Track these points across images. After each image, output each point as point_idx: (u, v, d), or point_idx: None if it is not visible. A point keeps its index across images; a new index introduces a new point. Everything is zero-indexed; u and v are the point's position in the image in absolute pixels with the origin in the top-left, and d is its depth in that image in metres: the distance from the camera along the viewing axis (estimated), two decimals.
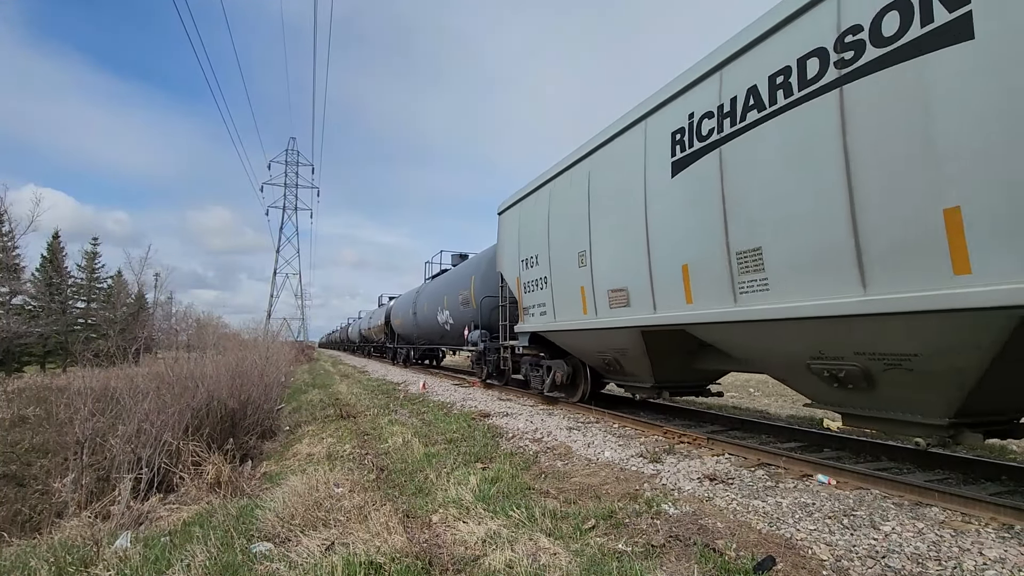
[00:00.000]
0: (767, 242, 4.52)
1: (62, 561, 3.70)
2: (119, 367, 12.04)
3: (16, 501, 7.75)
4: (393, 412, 9.72)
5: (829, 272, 4.01)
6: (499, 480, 4.69)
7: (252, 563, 3.28)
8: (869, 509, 3.70)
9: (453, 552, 3.32)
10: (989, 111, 3.06)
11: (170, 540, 4.08)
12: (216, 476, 6.52)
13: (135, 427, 7.40)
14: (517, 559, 3.03)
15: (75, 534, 4.45)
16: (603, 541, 3.33)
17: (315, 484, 4.57)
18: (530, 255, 9.06)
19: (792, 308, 4.29)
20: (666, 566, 3.00)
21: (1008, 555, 2.90)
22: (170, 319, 37.37)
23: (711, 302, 5.18)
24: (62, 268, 32.86)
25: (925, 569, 2.80)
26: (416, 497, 4.52)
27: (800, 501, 3.92)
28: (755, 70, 4.59)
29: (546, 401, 9.80)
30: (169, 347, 27.03)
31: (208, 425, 8.65)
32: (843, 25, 3.83)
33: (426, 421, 8.48)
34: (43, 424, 10.85)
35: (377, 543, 3.27)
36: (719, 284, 5.05)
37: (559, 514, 3.82)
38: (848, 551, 3.05)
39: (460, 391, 12.32)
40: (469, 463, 5.49)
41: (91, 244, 36.80)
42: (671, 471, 4.88)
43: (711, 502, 4.04)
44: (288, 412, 12.91)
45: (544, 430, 7.06)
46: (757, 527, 3.50)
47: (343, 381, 18.14)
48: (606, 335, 7.09)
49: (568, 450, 5.94)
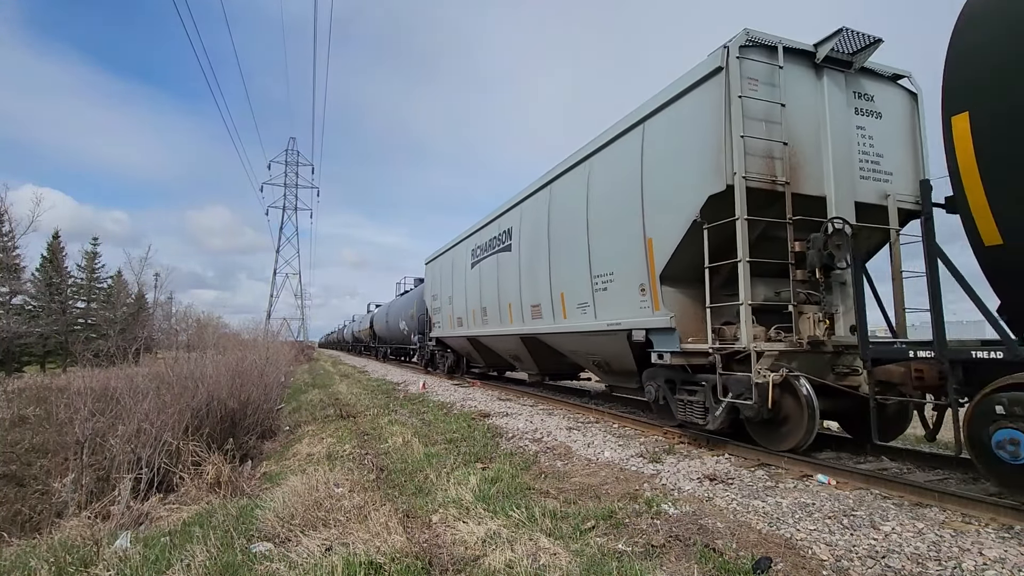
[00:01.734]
0: (554, 295, 8.87)
1: (62, 561, 3.70)
2: (119, 367, 12.04)
3: (16, 501, 7.74)
4: (393, 412, 9.72)
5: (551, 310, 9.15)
6: (499, 480, 4.69)
7: (252, 563, 3.28)
8: (869, 509, 3.70)
9: (453, 552, 3.32)
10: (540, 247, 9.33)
11: (170, 540, 4.08)
12: (216, 476, 6.52)
13: (135, 427, 7.40)
14: (517, 559, 3.02)
15: (75, 534, 4.44)
16: (603, 541, 3.33)
17: (315, 484, 4.57)
18: (434, 292, 16.41)
19: (564, 326, 8.51)
20: (666, 566, 3.00)
21: (1008, 555, 2.90)
22: (170, 319, 37.31)
23: (503, 325, 11.03)
24: (62, 268, 32.83)
25: (925, 569, 2.80)
26: (416, 497, 4.52)
27: (800, 501, 3.92)
28: (524, 211, 10.09)
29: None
30: (169, 347, 27.03)
31: (208, 425, 8.64)
32: (501, 228, 10.99)
33: (426, 421, 8.48)
34: (43, 424, 10.84)
35: (377, 543, 3.27)
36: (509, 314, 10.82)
37: (559, 514, 3.82)
38: (848, 551, 3.05)
39: (460, 391, 12.32)
40: (469, 463, 5.49)
41: (91, 244, 36.82)
42: (671, 471, 4.88)
43: (711, 502, 4.04)
44: (288, 412, 12.91)
45: (544, 430, 7.06)
46: (757, 527, 3.50)
47: (343, 381, 18.14)
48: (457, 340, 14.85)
49: (568, 450, 5.94)
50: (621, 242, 6.74)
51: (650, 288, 6.18)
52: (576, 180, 7.91)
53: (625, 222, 6.62)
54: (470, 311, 12.77)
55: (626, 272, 6.69)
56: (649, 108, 6.26)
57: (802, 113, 5.49)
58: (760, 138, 5.20)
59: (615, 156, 6.98)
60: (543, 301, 8.96)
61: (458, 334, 13.95)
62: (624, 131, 6.76)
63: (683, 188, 5.70)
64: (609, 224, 7.05)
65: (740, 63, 5.17)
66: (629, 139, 6.66)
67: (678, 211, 5.72)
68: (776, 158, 5.28)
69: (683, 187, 5.70)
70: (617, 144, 6.93)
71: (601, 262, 7.24)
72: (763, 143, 5.23)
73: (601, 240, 7.23)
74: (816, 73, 5.63)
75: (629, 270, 6.61)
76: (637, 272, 6.43)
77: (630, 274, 6.59)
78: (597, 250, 7.32)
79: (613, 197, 6.95)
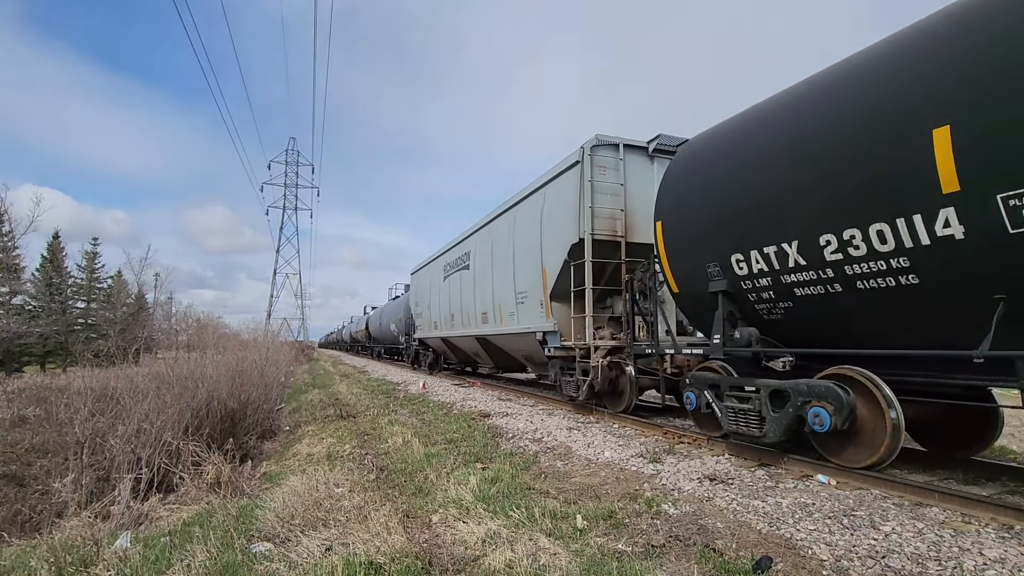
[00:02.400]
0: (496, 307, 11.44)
1: (62, 561, 3.70)
2: (119, 367, 12.04)
3: (16, 501, 7.74)
4: (393, 412, 9.72)
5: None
6: (499, 480, 4.68)
7: (252, 563, 3.28)
8: (869, 509, 3.70)
9: (453, 552, 3.31)
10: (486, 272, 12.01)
11: (170, 540, 4.08)
12: (216, 476, 6.52)
13: (135, 427, 7.40)
14: (517, 559, 3.02)
15: (75, 534, 4.44)
16: (603, 541, 3.33)
17: (315, 484, 4.57)
18: (417, 299, 19.23)
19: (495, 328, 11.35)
20: (666, 566, 3.00)
21: (1008, 555, 2.90)
22: (170, 319, 37.29)
23: (464, 328, 13.54)
24: (62, 268, 32.80)
25: (925, 569, 2.80)
26: (416, 497, 4.52)
27: (800, 501, 3.92)
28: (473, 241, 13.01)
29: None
30: (169, 347, 27.03)
31: (208, 425, 8.65)
32: (463, 251, 13.75)
33: (426, 421, 8.48)
34: (43, 424, 10.84)
35: (377, 543, 3.26)
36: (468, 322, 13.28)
37: (559, 514, 3.81)
38: (848, 551, 3.05)
39: (460, 391, 12.32)
40: (469, 463, 5.49)
41: (91, 244, 36.74)
42: (671, 471, 4.88)
43: (711, 502, 4.04)
44: (288, 412, 12.91)
45: (544, 430, 7.06)
46: (757, 527, 3.50)
47: (343, 381, 18.14)
48: (435, 340, 17.22)
49: (568, 450, 5.94)
50: (531, 270, 9.48)
51: (545, 303, 8.89)
52: (507, 221, 10.76)
53: (532, 257, 9.39)
54: (443, 316, 15.36)
55: (533, 292, 9.39)
56: (546, 178, 9.08)
57: (639, 187, 8.08)
58: (605, 207, 7.85)
59: (528, 208, 9.78)
60: (489, 310, 11.62)
61: (435, 335, 16.61)
62: (533, 192, 9.63)
63: (560, 236, 8.38)
64: (524, 257, 9.80)
65: (591, 158, 7.80)
66: (535, 197, 9.53)
67: (559, 252, 8.38)
68: (616, 219, 7.94)
69: (560, 235, 8.38)
70: (529, 199, 9.78)
71: (521, 283, 9.95)
72: (608, 210, 7.87)
73: (520, 267, 9.97)
74: (649, 159, 8.24)
75: (535, 290, 9.31)
76: (538, 292, 9.13)
77: (535, 293, 9.31)
78: (519, 274, 10.05)
79: (527, 237, 9.70)
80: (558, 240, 8.37)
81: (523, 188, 10.08)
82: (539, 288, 9.03)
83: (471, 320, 12.78)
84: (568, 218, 8.05)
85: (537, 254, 9.11)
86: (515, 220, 10.26)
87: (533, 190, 9.55)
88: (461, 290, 13.55)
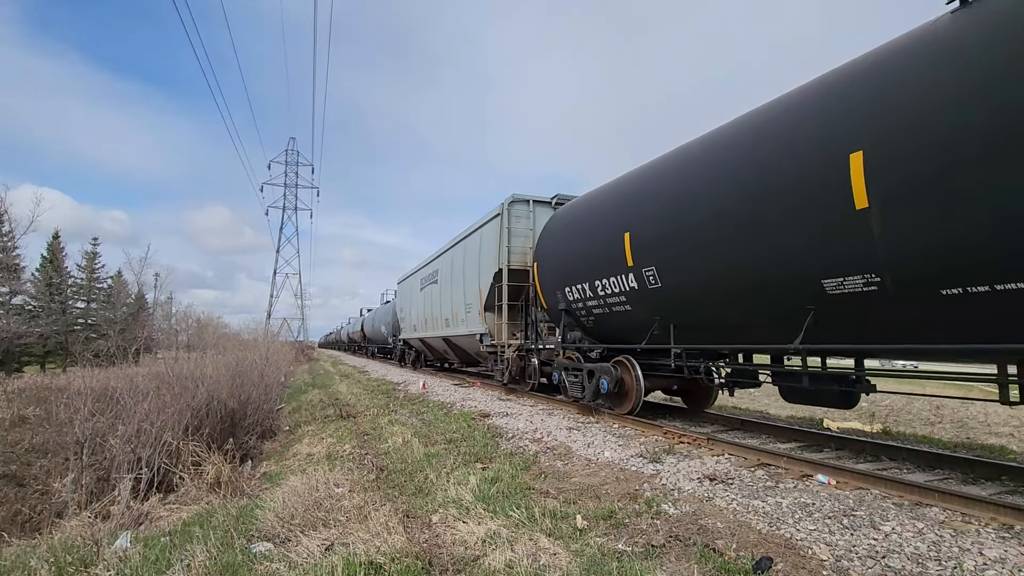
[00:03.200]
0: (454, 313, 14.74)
1: (62, 561, 3.70)
2: (119, 367, 12.04)
3: (16, 501, 7.74)
4: (393, 412, 9.72)
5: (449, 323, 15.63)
6: (499, 480, 4.68)
7: (252, 563, 3.28)
8: (869, 509, 3.70)
9: (453, 552, 3.31)
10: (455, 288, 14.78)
11: (170, 540, 4.08)
12: (216, 476, 6.52)
13: (135, 427, 7.40)
14: (517, 559, 3.02)
15: (75, 534, 4.44)
16: (603, 541, 3.32)
17: (315, 484, 4.57)
18: (401, 305, 22.58)
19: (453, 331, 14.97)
20: (666, 566, 3.00)
21: (1008, 555, 2.90)
22: (170, 319, 37.32)
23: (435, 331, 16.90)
24: (62, 268, 32.79)
25: (925, 569, 2.80)
26: (416, 497, 4.52)
27: (800, 501, 3.92)
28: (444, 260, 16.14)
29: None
30: (169, 347, 27.04)
31: (208, 425, 8.65)
32: (434, 268, 17.12)
33: (426, 421, 8.48)
34: (43, 424, 10.84)
35: (377, 543, 3.26)
36: (439, 326, 16.42)
37: (559, 514, 3.81)
38: (848, 551, 3.05)
39: (460, 391, 12.33)
40: (469, 463, 5.49)
41: (91, 244, 36.74)
42: (671, 471, 4.88)
43: (711, 502, 4.04)
44: (288, 412, 12.91)
45: (544, 430, 7.05)
46: (757, 527, 3.50)
47: (343, 381, 18.14)
48: (415, 340, 20.31)
49: (568, 450, 5.94)
50: (472, 288, 12.64)
51: (481, 312, 11.93)
52: (460, 250, 14.09)
53: (473, 278, 12.64)
54: (420, 320, 18.72)
55: (474, 304, 12.46)
56: (481, 222, 12.40)
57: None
58: (518, 246, 11.04)
59: (471, 242, 13.11)
60: (450, 316, 14.79)
61: (415, 336, 19.83)
62: (473, 231, 12.98)
63: (489, 265, 11.49)
64: (469, 278, 12.99)
65: (509, 211, 11.08)
66: (475, 235, 12.87)
67: (488, 276, 11.46)
68: (527, 253, 10.94)
69: (489, 264, 11.50)
70: (472, 236, 13.13)
71: (468, 297, 13.08)
72: (520, 247, 11.07)
73: (468, 285, 13.12)
74: (553, 209, 10.98)
75: (475, 303, 12.40)
76: (477, 304, 12.17)
77: (475, 305, 12.39)
78: (467, 290, 13.20)
79: (471, 264, 12.91)
80: (488, 268, 11.55)
81: (469, 226, 13.53)
82: (478, 301, 12.12)
83: (439, 324, 16.06)
84: (494, 253, 11.30)
85: (476, 276, 12.38)
86: (465, 250, 13.63)
87: (474, 230, 12.99)
88: (432, 299, 16.96)
